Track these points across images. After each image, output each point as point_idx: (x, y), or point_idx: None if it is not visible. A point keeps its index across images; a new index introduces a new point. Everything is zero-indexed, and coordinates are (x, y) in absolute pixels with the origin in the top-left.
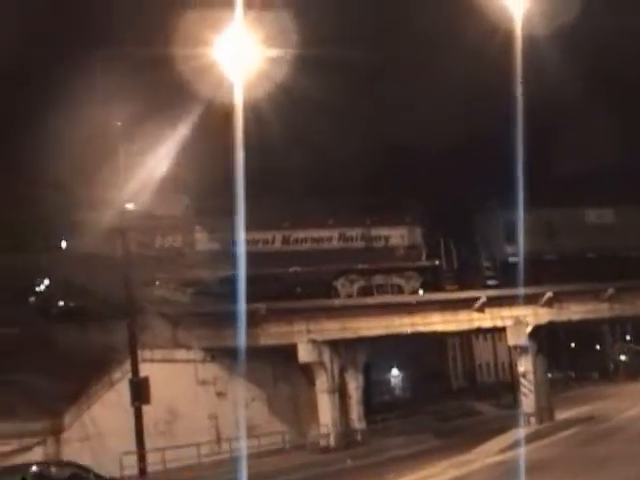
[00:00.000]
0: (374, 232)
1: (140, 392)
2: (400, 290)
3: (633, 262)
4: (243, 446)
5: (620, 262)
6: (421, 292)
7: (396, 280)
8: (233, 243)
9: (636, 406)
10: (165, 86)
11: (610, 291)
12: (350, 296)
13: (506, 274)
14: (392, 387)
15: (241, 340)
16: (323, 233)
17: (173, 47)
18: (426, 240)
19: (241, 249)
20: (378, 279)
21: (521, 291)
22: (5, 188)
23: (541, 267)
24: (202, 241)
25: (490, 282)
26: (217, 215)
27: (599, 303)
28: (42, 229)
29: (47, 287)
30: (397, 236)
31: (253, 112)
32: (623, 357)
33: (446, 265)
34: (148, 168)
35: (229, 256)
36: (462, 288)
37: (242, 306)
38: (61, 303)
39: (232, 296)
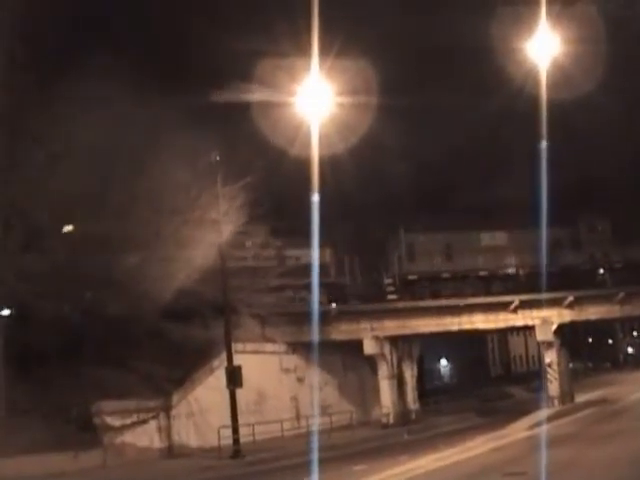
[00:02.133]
0: (287, 252)
1: (234, 377)
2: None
3: (522, 278)
4: (323, 422)
5: (510, 279)
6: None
7: (305, 295)
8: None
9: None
10: (245, 133)
11: (621, 295)
12: None
13: (406, 290)
14: (441, 375)
15: (314, 335)
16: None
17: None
18: (335, 260)
19: (315, 262)
20: (289, 293)
21: (547, 295)
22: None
23: (439, 284)
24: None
25: (390, 297)
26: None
27: (612, 305)
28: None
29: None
30: (307, 255)
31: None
32: (631, 350)
33: (351, 281)
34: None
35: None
36: (364, 302)
37: (317, 307)
38: None
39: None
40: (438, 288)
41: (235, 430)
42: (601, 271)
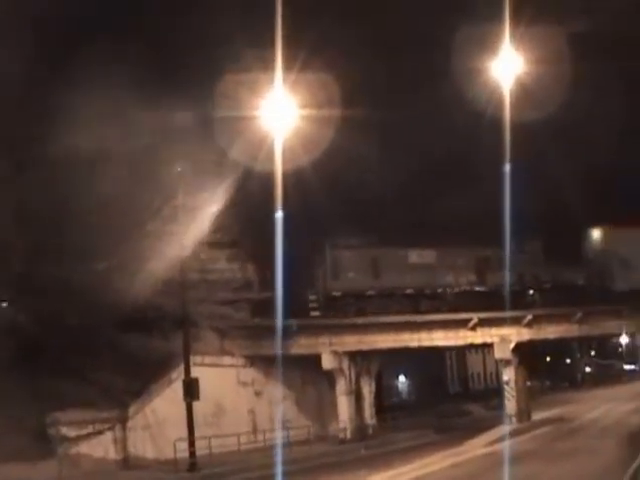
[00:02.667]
0: (210, 266)
1: (191, 390)
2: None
3: (450, 297)
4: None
5: (437, 297)
6: None
7: (225, 310)
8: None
9: (597, 409)
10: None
11: (579, 315)
12: None
13: (329, 306)
14: (399, 391)
15: (277, 349)
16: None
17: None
18: (260, 275)
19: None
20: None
21: (506, 314)
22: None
23: (364, 301)
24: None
25: (314, 313)
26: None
27: (570, 325)
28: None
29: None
30: (230, 270)
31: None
32: (588, 369)
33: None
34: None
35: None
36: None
37: (278, 321)
38: None
39: (269, 313)
40: (363, 305)
41: (191, 443)
42: (531, 292)
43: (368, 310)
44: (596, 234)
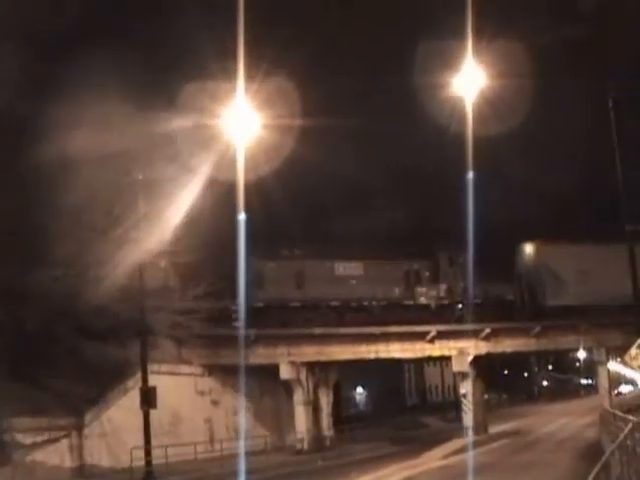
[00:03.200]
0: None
1: (148, 398)
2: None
3: (377, 310)
4: (237, 446)
5: (363, 310)
6: None
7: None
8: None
9: (553, 423)
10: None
11: (537, 329)
12: None
13: (254, 317)
14: (357, 402)
15: (237, 359)
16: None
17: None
18: (181, 284)
19: (241, 286)
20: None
21: (465, 327)
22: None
23: (289, 312)
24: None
25: (235, 324)
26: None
27: (528, 339)
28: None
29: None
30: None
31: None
32: (545, 383)
33: (196, 307)
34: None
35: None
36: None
37: (236, 331)
38: None
39: (227, 322)
40: (287, 316)
41: (148, 452)
42: (459, 306)
43: (291, 321)
44: (528, 249)
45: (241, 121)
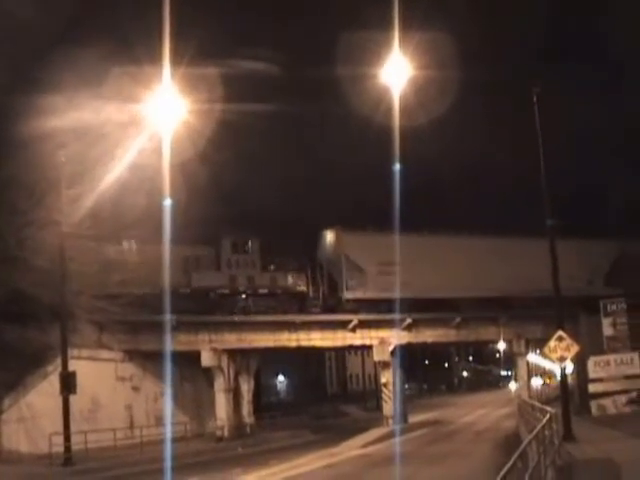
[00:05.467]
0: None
1: (68, 384)
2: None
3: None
4: (157, 432)
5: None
6: None
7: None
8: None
9: (472, 413)
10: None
11: (457, 320)
12: None
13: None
14: (278, 390)
15: (158, 345)
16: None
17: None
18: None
19: (166, 271)
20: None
21: (386, 317)
22: None
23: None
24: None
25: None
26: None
27: (448, 329)
28: None
29: None
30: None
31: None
32: (465, 373)
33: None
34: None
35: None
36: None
37: (157, 317)
38: None
39: (149, 308)
40: None
41: (67, 437)
42: (243, 296)
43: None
44: (329, 237)
45: (167, 106)
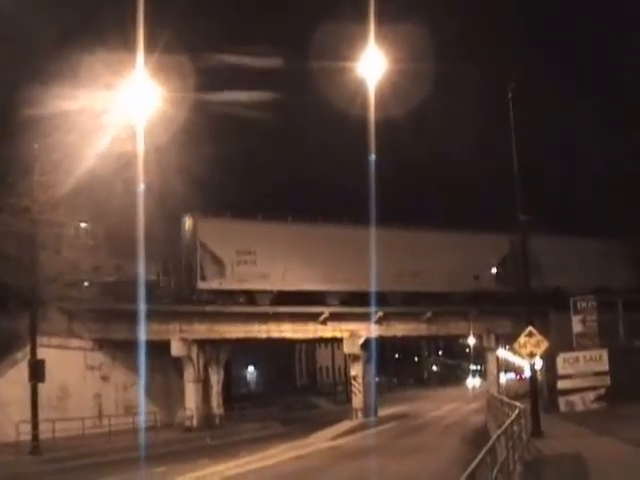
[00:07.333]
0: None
1: (37, 372)
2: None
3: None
4: (126, 422)
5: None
6: None
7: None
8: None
9: (441, 408)
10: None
11: (428, 314)
12: None
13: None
14: (248, 382)
15: (128, 334)
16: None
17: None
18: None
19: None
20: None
21: (357, 309)
22: None
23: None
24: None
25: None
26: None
27: (419, 324)
28: None
29: None
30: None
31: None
32: (435, 368)
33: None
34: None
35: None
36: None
37: (128, 306)
38: None
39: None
40: None
41: (35, 426)
42: (86, 284)
43: None
44: (187, 223)
45: (140, 93)
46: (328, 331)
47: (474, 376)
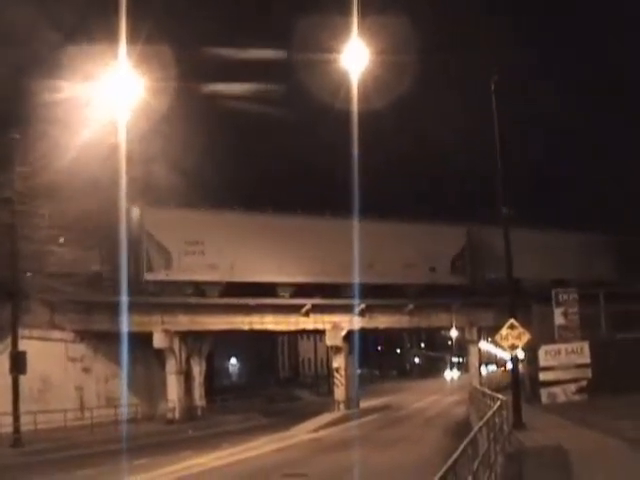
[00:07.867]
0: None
1: (18, 363)
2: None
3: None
4: (107, 414)
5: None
6: None
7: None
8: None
9: (423, 400)
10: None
11: (410, 306)
12: None
13: None
14: (230, 373)
15: (110, 325)
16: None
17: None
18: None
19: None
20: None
21: (340, 301)
22: None
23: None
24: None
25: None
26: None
27: (401, 316)
28: None
29: None
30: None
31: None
32: (417, 360)
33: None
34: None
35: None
36: None
37: (110, 298)
38: None
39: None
40: None
41: (16, 418)
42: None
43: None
44: (135, 213)
45: (123, 84)
46: (310, 323)
47: (452, 369)
